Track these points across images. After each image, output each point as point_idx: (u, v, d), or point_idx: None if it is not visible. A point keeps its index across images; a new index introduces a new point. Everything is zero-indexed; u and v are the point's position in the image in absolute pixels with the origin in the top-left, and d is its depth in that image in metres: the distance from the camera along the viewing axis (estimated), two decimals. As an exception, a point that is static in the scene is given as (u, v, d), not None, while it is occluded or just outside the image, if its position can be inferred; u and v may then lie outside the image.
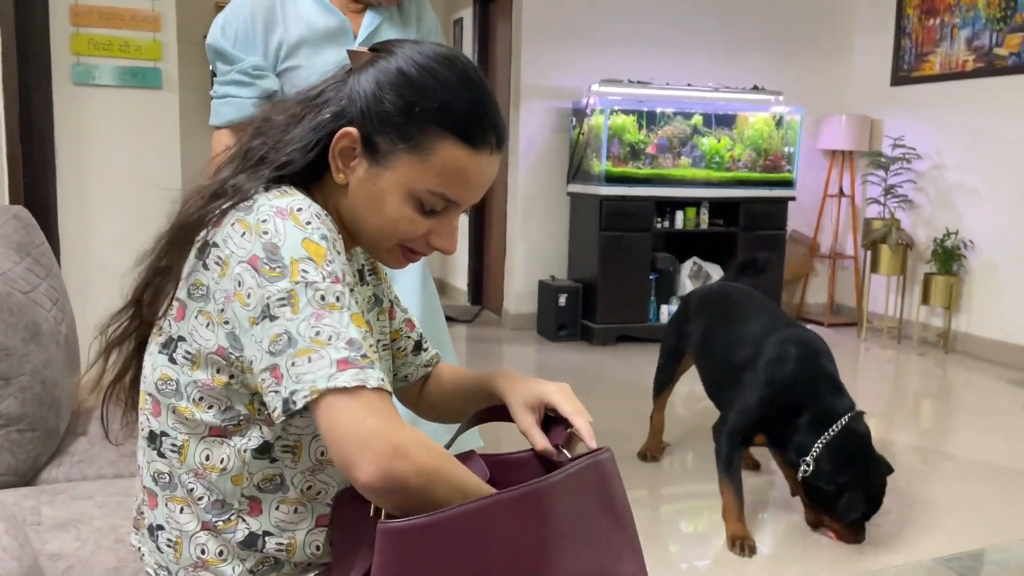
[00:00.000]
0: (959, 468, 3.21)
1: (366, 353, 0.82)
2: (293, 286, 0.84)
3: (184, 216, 0.94)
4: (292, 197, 0.90)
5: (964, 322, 5.06)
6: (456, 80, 0.93)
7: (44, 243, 1.84)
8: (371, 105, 0.93)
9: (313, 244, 0.86)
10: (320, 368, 0.80)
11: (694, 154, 5.23)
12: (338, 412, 0.79)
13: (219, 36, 1.80)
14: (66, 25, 3.10)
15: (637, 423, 3.58)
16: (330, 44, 1.83)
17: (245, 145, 0.98)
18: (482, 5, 6.10)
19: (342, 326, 0.82)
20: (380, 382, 0.81)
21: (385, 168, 0.94)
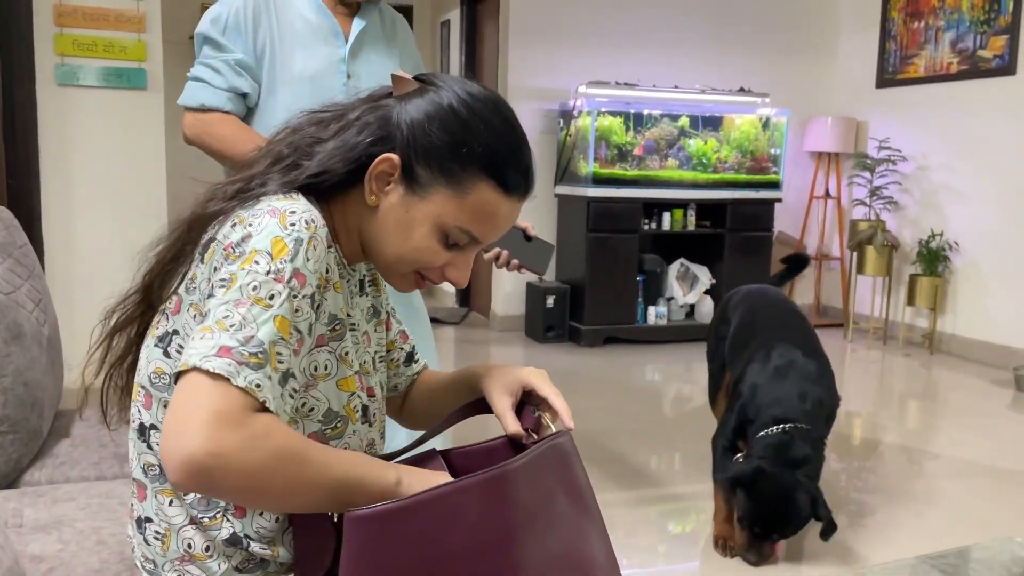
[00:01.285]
0: (944, 467, 3.23)
1: (259, 354, 0.80)
2: (237, 271, 0.85)
3: (203, 207, 0.96)
4: (295, 202, 0.91)
5: (949, 323, 5.10)
6: (501, 126, 0.97)
7: (27, 244, 1.82)
8: (417, 136, 0.95)
9: (280, 242, 0.86)
10: (203, 347, 0.79)
11: (681, 156, 5.25)
12: (186, 390, 0.78)
13: (208, 25, 1.80)
14: (50, 25, 3.08)
15: (624, 423, 3.58)
16: (323, 43, 1.84)
17: (276, 149, 0.99)
18: (469, 6, 6.10)
19: (253, 320, 0.82)
20: (251, 385, 0.79)
21: (421, 199, 0.96)
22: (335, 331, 0.97)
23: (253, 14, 1.79)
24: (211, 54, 1.79)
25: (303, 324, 0.87)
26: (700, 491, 2.90)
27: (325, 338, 0.95)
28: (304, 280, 0.86)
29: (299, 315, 0.86)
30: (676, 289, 5.29)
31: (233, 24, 1.78)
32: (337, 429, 0.98)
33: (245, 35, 1.79)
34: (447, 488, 0.86)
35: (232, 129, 1.76)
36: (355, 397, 1.00)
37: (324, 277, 0.91)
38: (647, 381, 4.51)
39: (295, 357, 0.85)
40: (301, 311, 0.86)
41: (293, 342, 0.85)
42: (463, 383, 1.15)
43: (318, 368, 0.95)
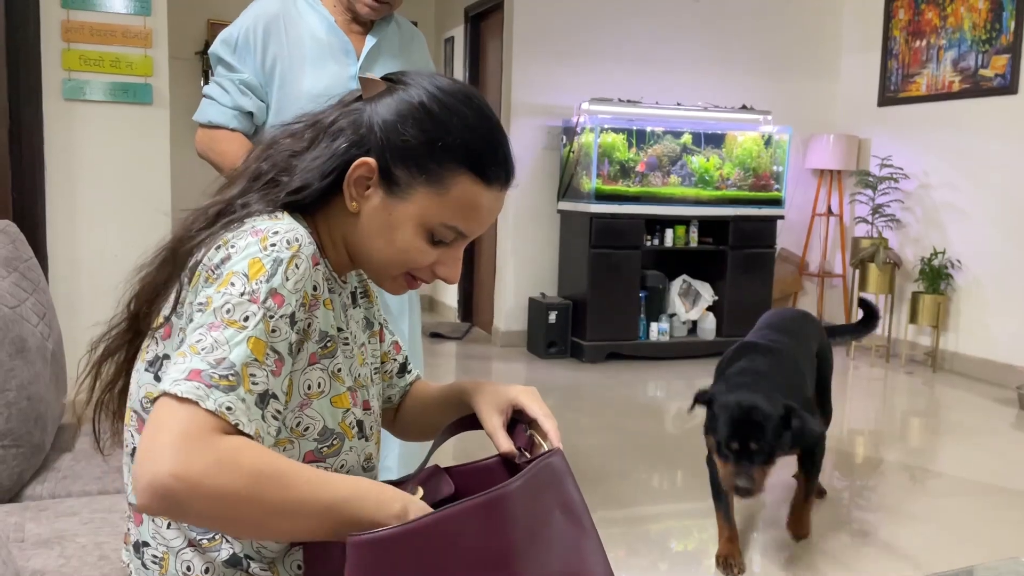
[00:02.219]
0: (948, 486, 3.21)
1: (230, 376, 0.79)
2: (214, 294, 0.85)
3: (185, 231, 0.95)
4: (278, 222, 0.91)
5: (952, 341, 5.09)
6: (475, 117, 0.96)
7: (32, 258, 1.83)
8: (391, 137, 0.94)
9: (258, 263, 0.86)
10: (174, 371, 0.79)
11: (683, 172, 5.26)
12: (155, 415, 0.77)
13: (220, 45, 1.85)
14: (57, 41, 3.10)
15: (625, 440, 3.57)
16: (334, 60, 1.87)
17: (253, 167, 0.98)
18: (473, 24, 6.14)
19: (226, 342, 0.81)
20: (220, 407, 0.78)
21: (401, 200, 0.95)
22: (326, 348, 0.96)
23: (263, 34, 1.82)
24: (222, 73, 1.84)
25: (281, 345, 0.85)
26: (702, 509, 2.89)
27: (317, 356, 0.95)
28: (282, 300, 0.86)
29: (276, 336, 0.85)
30: (678, 305, 5.29)
31: (243, 44, 1.82)
32: (333, 447, 0.98)
33: (255, 55, 1.82)
34: (447, 512, 0.84)
35: (234, 146, 1.81)
36: (349, 413, 0.99)
37: (310, 295, 0.90)
38: (649, 397, 4.50)
39: (275, 378, 0.84)
40: (278, 331, 0.85)
41: (271, 363, 0.84)
42: (454, 398, 1.15)
43: (311, 387, 0.95)
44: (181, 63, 4.39)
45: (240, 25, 1.84)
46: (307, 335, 0.92)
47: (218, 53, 1.84)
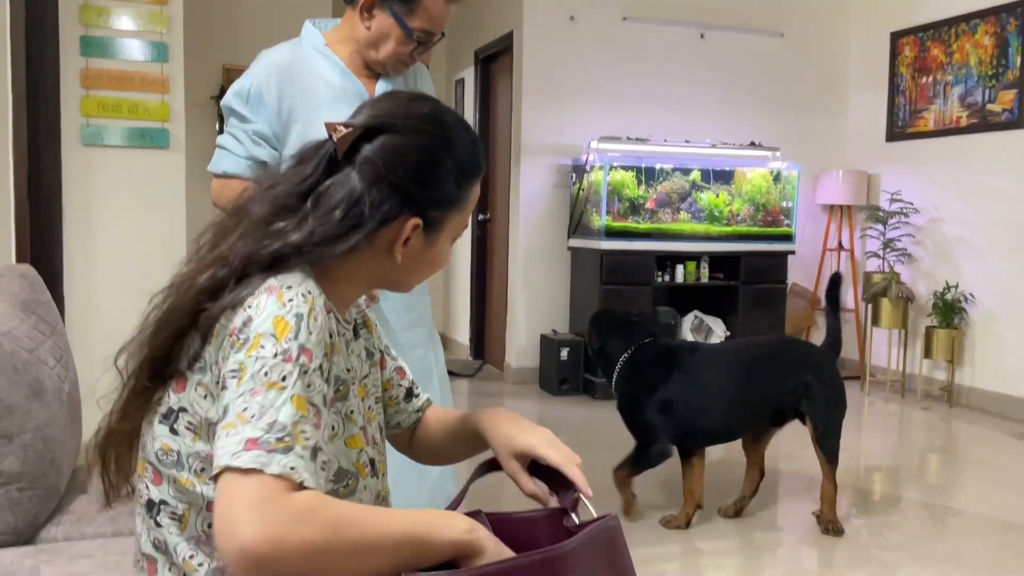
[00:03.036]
0: (968, 524, 3.17)
1: (285, 437, 0.81)
2: (246, 359, 0.86)
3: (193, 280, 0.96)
4: (290, 275, 0.93)
5: (967, 375, 5.05)
6: (460, 131, 1.05)
7: (50, 301, 1.85)
8: (426, 186, 1.01)
9: (283, 321, 0.87)
10: (230, 444, 0.81)
11: (693, 209, 5.29)
12: (224, 490, 0.79)
13: (233, 97, 1.87)
14: (76, 88, 3.17)
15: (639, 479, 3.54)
16: (348, 104, 1.88)
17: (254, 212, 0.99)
18: (483, 65, 6.23)
19: (271, 405, 0.83)
20: (285, 469, 0.80)
21: (438, 232, 1.04)
22: (339, 392, 0.98)
23: (277, 84, 1.84)
24: (235, 124, 1.86)
25: (317, 398, 0.87)
26: (722, 547, 2.85)
27: (332, 401, 0.96)
28: (311, 354, 0.88)
29: (312, 390, 0.87)
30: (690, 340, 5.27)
31: (256, 95, 1.84)
32: (349, 487, 0.99)
33: (268, 105, 1.84)
34: (505, 564, 0.85)
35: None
36: (363, 453, 1.01)
37: (328, 344, 0.92)
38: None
39: (317, 431, 0.86)
40: (313, 386, 0.87)
41: (312, 417, 0.85)
42: (469, 433, 1.16)
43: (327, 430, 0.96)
44: (197, 108, 4.47)
45: (252, 76, 1.85)
46: (329, 385, 0.94)
47: (231, 105, 1.86)
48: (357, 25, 1.88)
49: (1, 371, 1.50)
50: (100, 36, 3.19)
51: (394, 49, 1.84)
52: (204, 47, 4.47)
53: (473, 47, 6.27)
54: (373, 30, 1.85)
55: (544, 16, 5.34)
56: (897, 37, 5.56)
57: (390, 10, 1.81)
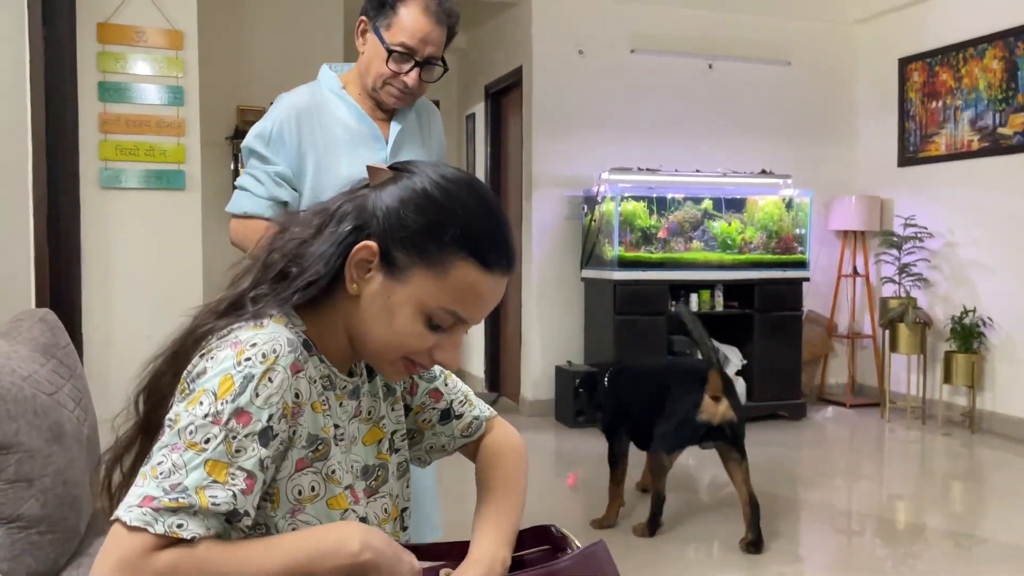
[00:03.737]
0: (994, 553, 3.11)
1: (181, 498, 0.81)
2: (183, 412, 0.86)
3: (194, 325, 0.97)
4: (259, 331, 0.92)
5: (989, 400, 4.99)
6: (476, 204, 0.97)
7: (69, 344, 1.87)
8: (392, 221, 0.95)
9: (228, 380, 0.87)
10: (131, 496, 0.82)
11: (706, 237, 5.29)
12: (106, 542, 0.81)
13: (254, 139, 1.90)
14: (95, 132, 3.23)
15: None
16: (365, 147, 1.93)
17: (263, 257, 1.00)
18: (493, 100, 6.30)
19: (183, 466, 0.83)
20: (171, 528, 0.80)
21: (400, 283, 0.95)
22: (318, 451, 0.96)
23: (296, 125, 1.88)
24: (256, 165, 1.89)
25: (249, 463, 0.86)
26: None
27: (307, 460, 0.95)
28: (249, 418, 0.86)
29: (240, 455, 0.85)
30: (707, 371, 5.24)
31: (276, 137, 1.88)
32: None
33: (288, 146, 1.87)
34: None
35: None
36: (348, 514, 0.98)
37: (290, 405, 0.90)
38: (680, 465, 4.41)
39: (245, 496, 0.85)
40: (244, 451, 0.86)
41: (238, 482, 0.85)
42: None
43: (303, 492, 0.95)
44: (213, 148, 4.54)
45: (273, 118, 1.89)
46: (292, 443, 0.93)
47: (252, 147, 1.89)
48: (359, 57, 1.92)
49: (22, 415, 1.51)
50: (117, 81, 3.25)
51: (378, 69, 1.85)
52: (219, 89, 4.55)
53: (483, 82, 6.34)
54: (366, 54, 1.88)
55: (553, 50, 5.41)
56: (905, 63, 5.58)
57: (372, 28, 1.85)
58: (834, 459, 4.66)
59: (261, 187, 1.88)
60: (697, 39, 5.63)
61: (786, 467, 4.33)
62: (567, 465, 4.09)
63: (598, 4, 5.45)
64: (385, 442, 1.09)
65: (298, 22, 4.91)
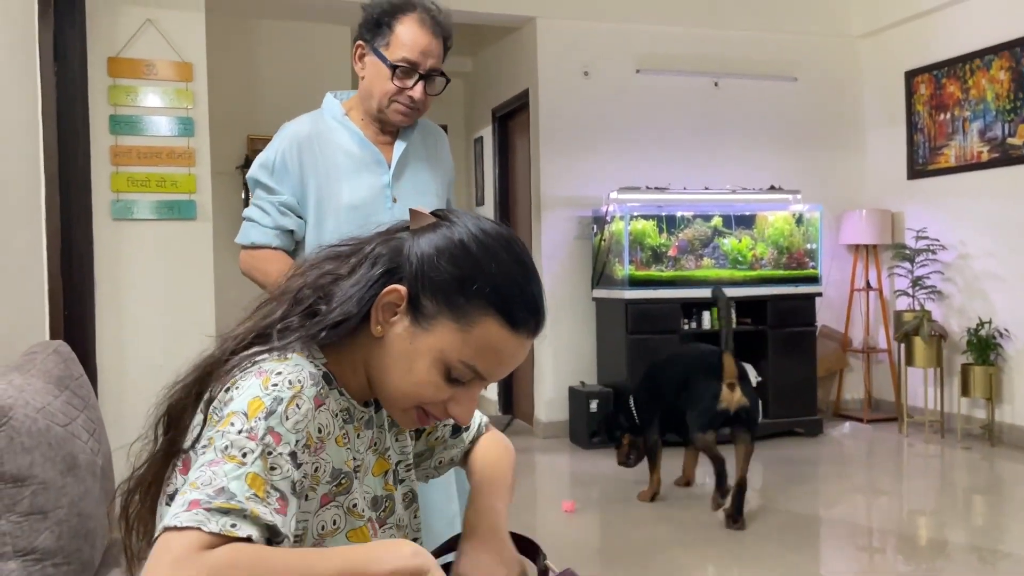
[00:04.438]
0: (1018, 568, 3.06)
1: (232, 501, 0.79)
2: (215, 434, 0.85)
3: (221, 354, 0.97)
4: (284, 363, 0.91)
5: (1008, 412, 4.93)
6: (511, 263, 0.96)
7: (82, 375, 1.88)
8: (426, 268, 0.95)
9: (258, 401, 0.86)
10: (175, 506, 0.79)
11: (716, 255, 5.28)
12: (156, 548, 0.77)
13: (258, 169, 1.94)
14: (106, 164, 3.27)
15: (675, 529, 3.48)
16: (368, 171, 1.95)
17: (295, 289, 0.99)
18: (501, 123, 6.33)
19: (224, 476, 0.81)
20: (225, 527, 0.77)
21: (425, 330, 0.95)
22: (341, 485, 0.96)
23: (298, 155, 1.91)
24: (261, 195, 1.93)
25: (283, 483, 0.84)
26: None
27: (331, 495, 0.94)
28: (280, 438, 0.85)
29: (276, 473, 0.84)
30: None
31: (280, 166, 1.91)
32: None
33: (291, 174, 1.91)
34: None
35: (278, 265, 1.88)
36: None
37: (313, 437, 0.90)
38: (698, 484, 4.38)
39: (279, 516, 0.82)
40: (278, 469, 0.84)
41: (273, 501, 0.82)
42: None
43: (326, 526, 0.94)
44: (223, 178, 4.57)
45: (276, 148, 1.92)
46: (316, 479, 0.92)
47: (257, 177, 1.93)
48: (359, 83, 1.94)
49: (36, 447, 1.51)
50: (128, 114, 3.29)
51: (383, 87, 1.88)
52: (229, 119, 4.59)
53: (490, 106, 6.38)
54: (367, 77, 1.91)
55: (559, 72, 5.44)
56: (912, 76, 5.58)
57: (371, 50, 1.88)
58: (853, 475, 4.61)
59: (267, 217, 1.91)
60: (702, 57, 5.65)
61: (805, 484, 4.28)
62: (582, 487, 4.06)
63: (603, 25, 5.48)
64: (391, 474, 1.09)
65: (306, 52, 4.97)
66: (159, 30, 3.30)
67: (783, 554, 3.19)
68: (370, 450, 1.06)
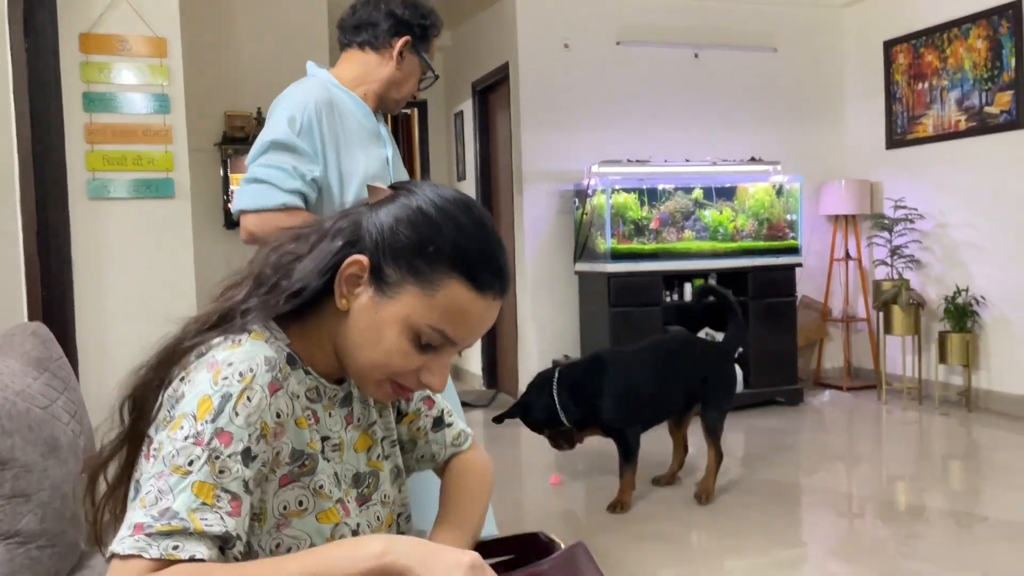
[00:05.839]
0: (995, 531, 3.12)
1: (174, 521, 0.80)
2: (165, 438, 0.86)
3: (183, 334, 0.97)
4: (236, 350, 0.91)
5: (984, 379, 5.01)
6: (471, 225, 0.96)
7: (62, 357, 1.87)
8: (386, 237, 0.95)
9: (207, 401, 0.86)
10: (123, 529, 0.81)
11: (697, 227, 5.29)
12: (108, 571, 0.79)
13: (287, 128, 1.83)
14: (81, 143, 3.21)
15: (661, 501, 3.52)
16: (375, 144, 1.95)
17: (256, 271, 0.99)
18: (481, 97, 6.29)
19: (169, 491, 0.82)
20: (167, 551, 0.79)
21: (390, 298, 0.95)
22: (304, 467, 0.95)
23: (325, 117, 1.86)
24: (279, 157, 1.83)
25: (234, 484, 0.85)
26: (744, 566, 2.83)
27: (292, 476, 0.94)
28: (230, 438, 0.85)
29: (225, 476, 0.84)
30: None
31: (307, 126, 1.84)
32: None
33: (315, 137, 1.85)
34: None
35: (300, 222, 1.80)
36: (341, 527, 0.98)
37: (270, 425, 0.89)
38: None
39: (232, 519, 0.83)
40: (228, 471, 0.85)
41: (224, 504, 0.83)
42: None
43: (288, 506, 0.94)
44: (201, 155, 4.52)
45: (301, 108, 1.84)
46: (277, 462, 0.92)
47: (277, 138, 1.83)
48: (379, 67, 1.96)
49: (16, 430, 1.51)
50: (102, 92, 3.23)
51: (411, 87, 2.01)
52: (205, 95, 4.53)
53: (470, 79, 6.33)
54: (404, 71, 1.98)
55: (538, 45, 5.40)
56: (890, 45, 5.59)
57: (416, 51, 1.98)
58: (833, 443, 4.68)
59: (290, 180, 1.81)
60: (682, 28, 5.63)
61: (785, 452, 4.34)
62: (566, 461, 4.09)
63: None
64: (376, 448, 1.09)
65: (282, 27, 4.90)
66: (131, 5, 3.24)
67: (765, 521, 3.24)
68: (350, 426, 1.05)
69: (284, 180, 1.82)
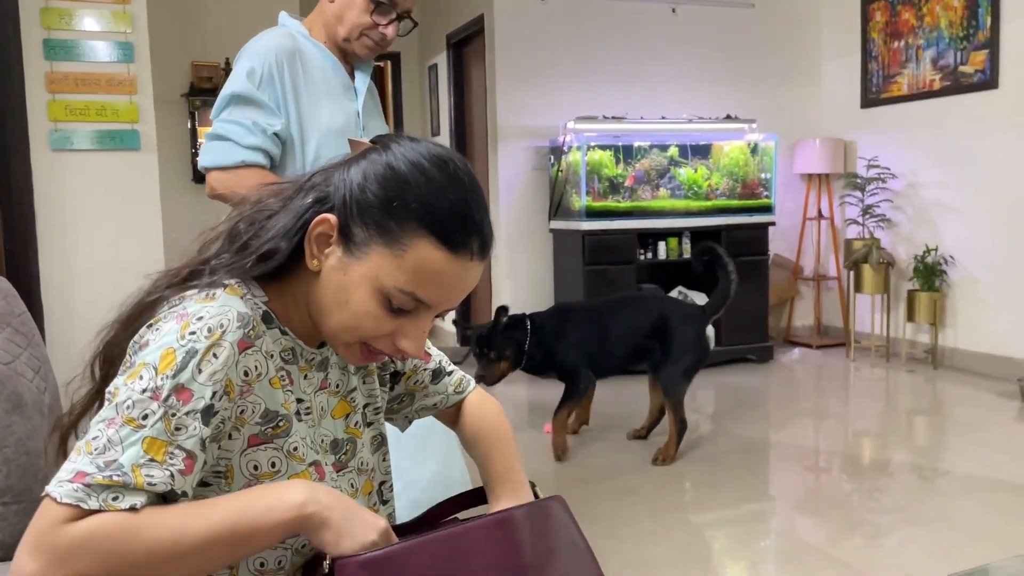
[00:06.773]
0: (956, 484, 3.20)
1: (115, 476, 0.78)
2: (122, 386, 0.82)
3: (152, 288, 0.95)
4: (208, 304, 0.88)
5: (951, 337, 5.09)
6: (444, 181, 0.91)
7: (24, 312, 1.83)
8: (354, 194, 0.91)
9: (170, 354, 0.83)
10: (63, 471, 0.78)
11: (672, 185, 5.29)
12: (36, 515, 0.77)
13: (246, 81, 1.78)
14: (42, 92, 3.12)
15: (636, 456, 3.56)
16: (343, 97, 1.88)
17: (232, 226, 0.97)
18: (456, 50, 6.19)
19: (119, 442, 0.79)
20: (106, 502, 0.77)
21: (357, 259, 0.91)
22: (278, 428, 0.92)
23: (286, 68, 1.80)
24: (242, 112, 1.78)
25: (189, 442, 0.82)
26: (712, 519, 2.88)
27: (265, 436, 0.91)
28: (190, 396, 0.82)
29: (180, 434, 0.82)
30: (676, 318, 5.28)
31: (268, 77, 1.78)
32: None
33: (276, 88, 1.79)
34: (451, 531, 0.86)
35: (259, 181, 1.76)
36: None
37: (235, 383, 0.86)
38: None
39: (182, 476, 0.81)
40: (184, 429, 0.82)
41: (177, 461, 0.81)
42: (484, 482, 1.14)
43: (259, 467, 0.91)
44: (167, 106, 4.42)
45: (260, 60, 1.78)
46: (242, 420, 0.89)
47: (237, 91, 1.77)
48: (325, 6, 1.85)
49: (-21, 386, 1.47)
50: (63, 39, 3.13)
51: (356, 19, 1.81)
52: (171, 45, 4.41)
53: (444, 32, 6.22)
54: (336, 3, 1.83)
55: (514, -3, 5.30)
56: (868, 2, 5.56)
57: None
58: (801, 399, 4.75)
59: (251, 136, 1.77)
60: (660, -17, 5.56)
61: (755, 409, 4.40)
62: (542, 414, 4.12)
63: (559, -52, 5.34)
64: (355, 416, 1.06)
65: (250, -27, 4.76)
66: (92, -52, 3.13)
67: (734, 476, 3.29)
68: (324, 392, 1.03)
69: (244, 136, 1.77)
